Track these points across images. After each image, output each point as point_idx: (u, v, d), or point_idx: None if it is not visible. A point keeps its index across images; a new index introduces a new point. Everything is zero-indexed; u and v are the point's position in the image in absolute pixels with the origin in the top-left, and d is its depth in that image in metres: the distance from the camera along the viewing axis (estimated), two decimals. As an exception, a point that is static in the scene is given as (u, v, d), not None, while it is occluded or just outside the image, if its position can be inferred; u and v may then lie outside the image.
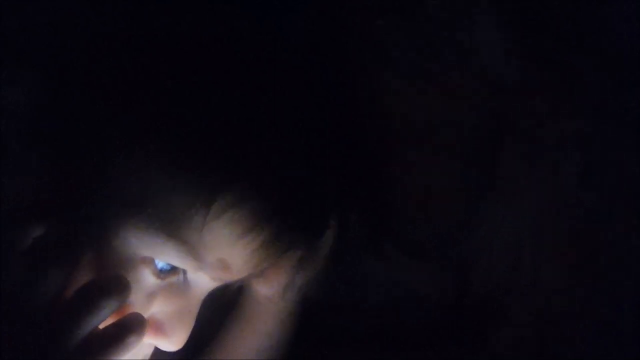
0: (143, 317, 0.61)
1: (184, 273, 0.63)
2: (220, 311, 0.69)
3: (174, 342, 0.64)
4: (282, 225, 0.61)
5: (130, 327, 0.60)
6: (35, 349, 0.58)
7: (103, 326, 0.60)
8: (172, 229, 0.60)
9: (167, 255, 0.61)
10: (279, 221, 0.61)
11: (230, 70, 0.63)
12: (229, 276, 0.63)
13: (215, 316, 0.69)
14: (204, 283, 0.63)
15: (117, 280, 0.60)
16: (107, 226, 0.61)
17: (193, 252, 0.61)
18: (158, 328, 0.63)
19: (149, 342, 0.63)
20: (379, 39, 0.65)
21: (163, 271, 0.62)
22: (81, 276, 0.61)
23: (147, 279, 0.62)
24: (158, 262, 0.62)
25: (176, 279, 0.63)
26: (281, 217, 0.61)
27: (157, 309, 0.63)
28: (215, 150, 0.60)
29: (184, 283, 0.63)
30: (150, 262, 0.61)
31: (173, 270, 0.62)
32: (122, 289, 0.60)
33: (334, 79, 0.67)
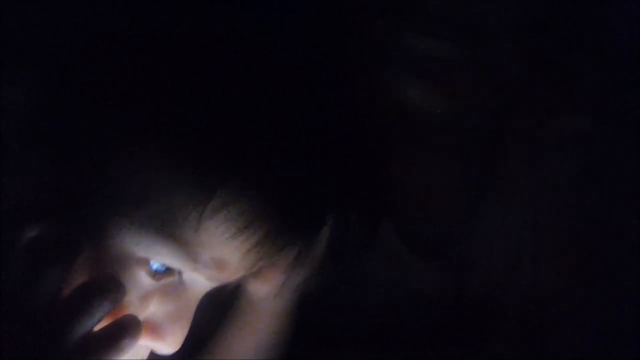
0: (138, 318, 0.61)
1: (180, 274, 0.63)
2: (216, 312, 0.69)
3: (170, 344, 0.63)
4: (278, 224, 0.61)
5: (125, 328, 0.60)
6: (35, 349, 0.58)
7: (99, 327, 0.60)
8: (167, 227, 0.60)
9: (163, 255, 0.61)
10: (275, 220, 0.61)
11: (230, 70, 0.63)
12: (225, 276, 0.63)
13: (211, 317, 0.68)
14: (200, 284, 0.63)
15: (111, 282, 0.60)
16: (103, 226, 0.60)
17: (188, 251, 0.60)
18: (154, 330, 0.63)
19: (145, 344, 0.63)
20: (379, 39, 0.65)
21: (158, 272, 0.62)
22: (78, 276, 0.61)
23: (142, 281, 0.62)
24: (153, 263, 0.62)
25: (172, 280, 0.62)
26: (276, 216, 0.61)
27: (153, 311, 0.63)
28: (212, 149, 0.60)
29: (180, 284, 0.63)
30: (145, 263, 0.61)
31: (168, 271, 0.62)
32: (116, 290, 0.60)
33: (334, 79, 0.67)
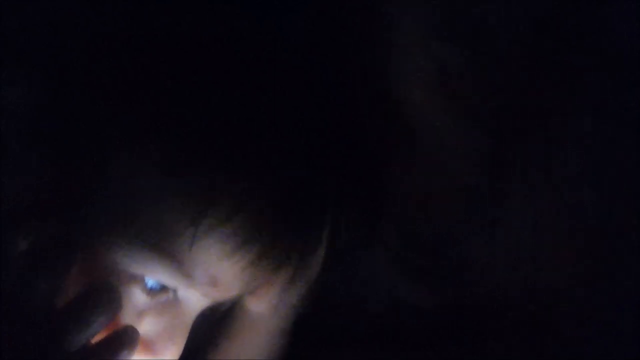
0: (136, 329, 0.61)
1: (175, 291, 0.62)
2: (211, 328, 0.69)
3: None
4: (273, 242, 0.61)
5: (123, 339, 0.60)
6: (35, 349, 0.58)
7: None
8: (161, 246, 0.60)
9: (157, 272, 0.61)
10: (270, 239, 0.61)
11: (229, 70, 0.63)
12: (220, 294, 0.63)
13: (206, 333, 0.68)
14: (195, 301, 0.63)
15: (108, 293, 0.60)
16: (98, 241, 0.60)
17: (183, 269, 0.60)
18: (149, 346, 0.63)
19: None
20: (379, 39, 0.65)
21: (153, 289, 0.62)
22: (77, 279, 0.61)
23: (137, 297, 0.62)
24: (148, 281, 0.61)
25: (167, 297, 0.62)
26: (272, 235, 0.61)
27: (148, 327, 0.63)
28: (207, 160, 0.60)
29: (175, 301, 0.63)
30: (140, 280, 0.61)
31: (163, 288, 0.62)
32: (114, 300, 0.60)
33: (334, 79, 0.67)
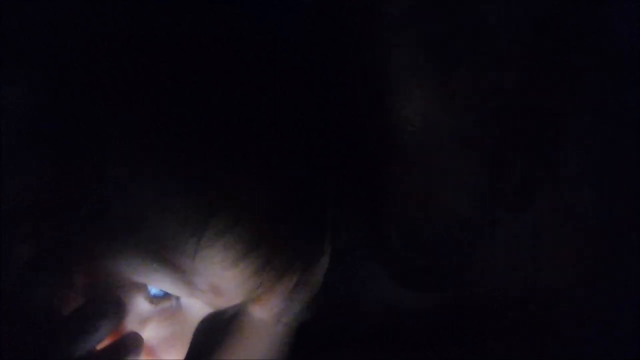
0: (140, 336, 0.61)
1: (178, 299, 0.62)
2: (214, 336, 0.69)
3: None
4: (277, 251, 0.61)
5: (128, 346, 0.60)
6: (36, 349, 0.58)
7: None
8: (164, 255, 0.60)
9: (160, 281, 0.61)
10: (274, 247, 0.61)
11: (229, 70, 0.63)
12: (223, 302, 0.63)
13: (209, 341, 0.68)
14: (197, 309, 0.63)
15: (113, 302, 0.60)
16: (100, 250, 0.60)
17: (186, 278, 0.60)
18: (152, 353, 0.63)
19: None
20: (379, 39, 0.65)
21: (156, 297, 0.62)
22: (79, 285, 0.61)
23: (140, 305, 0.62)
24: (151, 289, 0.62)
25: (169, 304, 0.62)
26: (275, 244, 0.61)
27: (150, 334, 0.63)
28: (210, 169, 0.60)
29: (177, 309, 0.63)
30: (143, 288, 0.61)
31: (166, 296, 0.62)
32: (118, 311, 0.60)
33: (334, 79, 0.67)
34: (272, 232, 0.61)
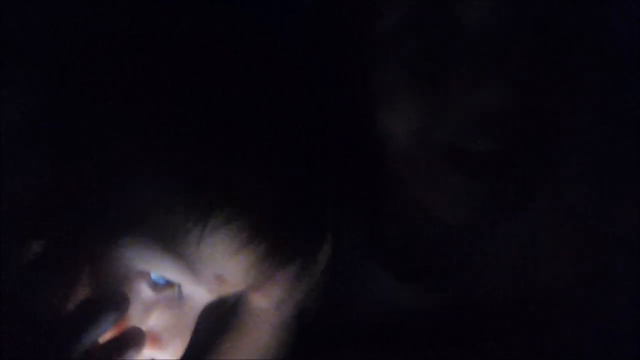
0: (142, 330, 0.62)
1: (180, 287, 0.63)
2: (216, 324, 0.69)
3: (170, 355, 0.64)
4: (279, 239, 0.61)
5: (129, 340, 0.61)
6: (36, 349, 0.58)
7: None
8: (168, 243, 0.60)
9: (164, 269, 0.61)
10: (276, 235, 0.61)
11: (229, 70, 0.63)
12: (226, 290, 0.63)
13: (211, 329, 0.68)
14: (200, 297, 0.63)
15: (116, 296, 0.60)
16: (104, 239, 0.61)
17: (189, 266, 0.61)
18: (155, 341, 0.63)
19: (146, 354, 0.63)
20: (379, 39, 0.65)
21: (159, 285, 0.62)
22: (81, 284, 0.61)
23: (143, 293, 0.62)
24: (154, 276, 0.62)
25: (172, 292, 0.63)
26: (277, 232, 0.61)
27: (154, 322, 0.63)
28: (211, 163, 0.60)
29: (180, 297, 0.63)
30: (146, 275, 0.62)
31: (168, 284, 0.62)
32: (121, 304, 0.60)
33: (334, 79, 0.67)
34: (275, 222, 0.61)
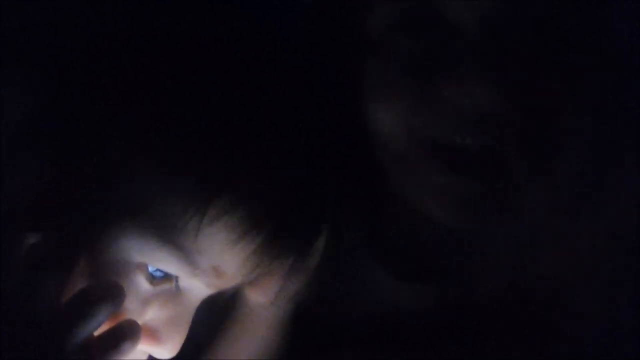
0: (137, 323, 0.62)
1: (177, 280, 0.63)
2: (213, 318, 0.69)
3: (167, 348, 0.64)
4: (275, 231, 0.62)
5: (125, 332, 0.61)
6: (36, 349, 0.58)
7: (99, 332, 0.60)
8: (166, 235, 0.60)
9: (162, 261, 0.61)
10: (272, 227, 0.61)
11: (229, 70, 0.63)
12: (223, 283, 0.63)
13: (208, 323, 0.69)
14: (197, 290, 0.64)
15: (111, 287, 0.60)
16: (102, 231, 0.61)
17: (187, 258, 0.61)
18: (152, 335, 0.63)
19: (143, 348, 0.64)
20: (379, 39, 0.65)
21: (156, 278, 0.62)
22: (78, 279, 0.61)
23: (141, 286, 0.62)
24: (151, 269, 0.62)
25: (169, 286, 0.63)
26: (274, 224, 0.62)
27: (151, 316, 0.63)
28: (210, 154, 0.60)
29: (178, 290, 0.63)
30: (144, 268, 0.62)
31: (166, 277, 0.62)
32: (116, 295, 0.60)
33: (334, 79, 0.67)
34: (271, 213, 0.61)
